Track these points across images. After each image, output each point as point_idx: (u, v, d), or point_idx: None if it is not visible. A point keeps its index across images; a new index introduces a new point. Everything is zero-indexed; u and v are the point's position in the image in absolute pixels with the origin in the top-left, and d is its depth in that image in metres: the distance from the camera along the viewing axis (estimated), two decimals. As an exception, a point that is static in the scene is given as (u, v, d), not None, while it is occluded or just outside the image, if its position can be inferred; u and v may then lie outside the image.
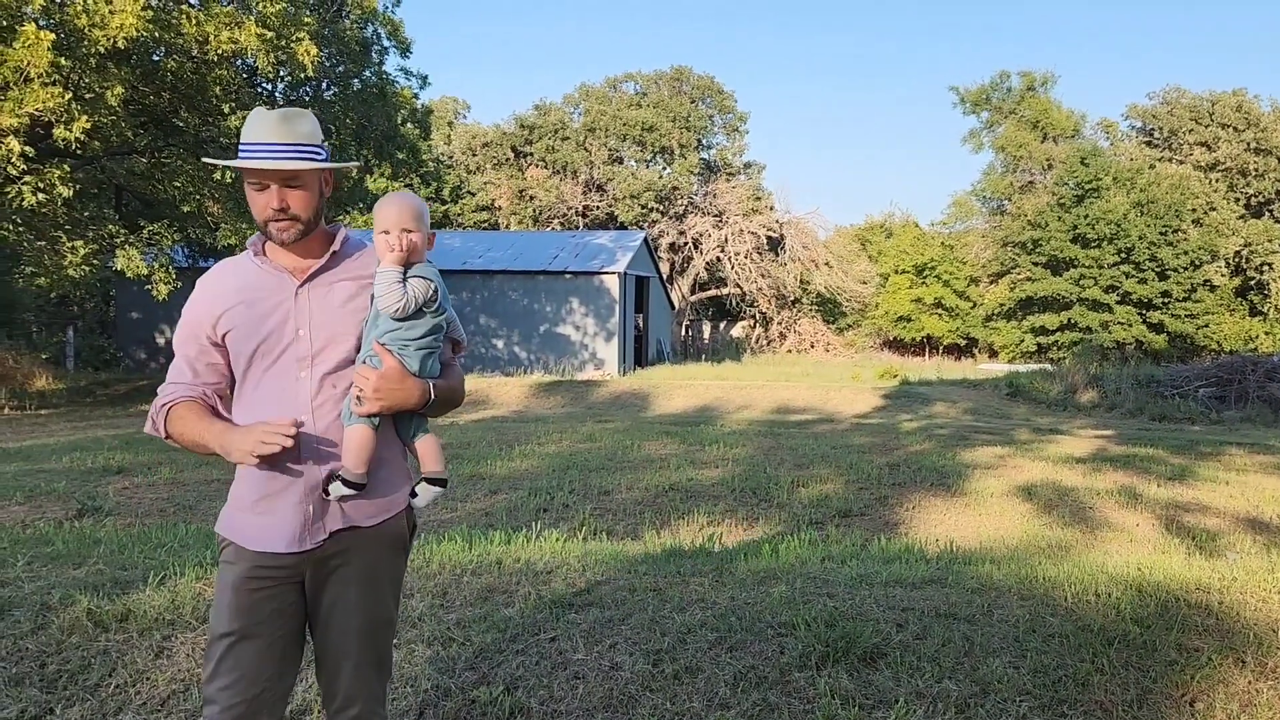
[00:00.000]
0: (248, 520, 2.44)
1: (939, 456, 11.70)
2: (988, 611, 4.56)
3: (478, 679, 3.79)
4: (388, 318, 2.42)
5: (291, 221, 2.40)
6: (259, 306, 2.43)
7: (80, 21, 15.03)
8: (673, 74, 49.83)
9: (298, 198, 2.40)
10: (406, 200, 2.49)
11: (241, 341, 2.42)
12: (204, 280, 2.52)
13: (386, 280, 2.40)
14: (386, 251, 2.42)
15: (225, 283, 2.48)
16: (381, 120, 22.72)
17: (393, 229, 2.43)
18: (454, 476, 10.29)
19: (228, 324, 2.43)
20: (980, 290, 47.54)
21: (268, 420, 2.32)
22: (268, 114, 2.36)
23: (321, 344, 2.45)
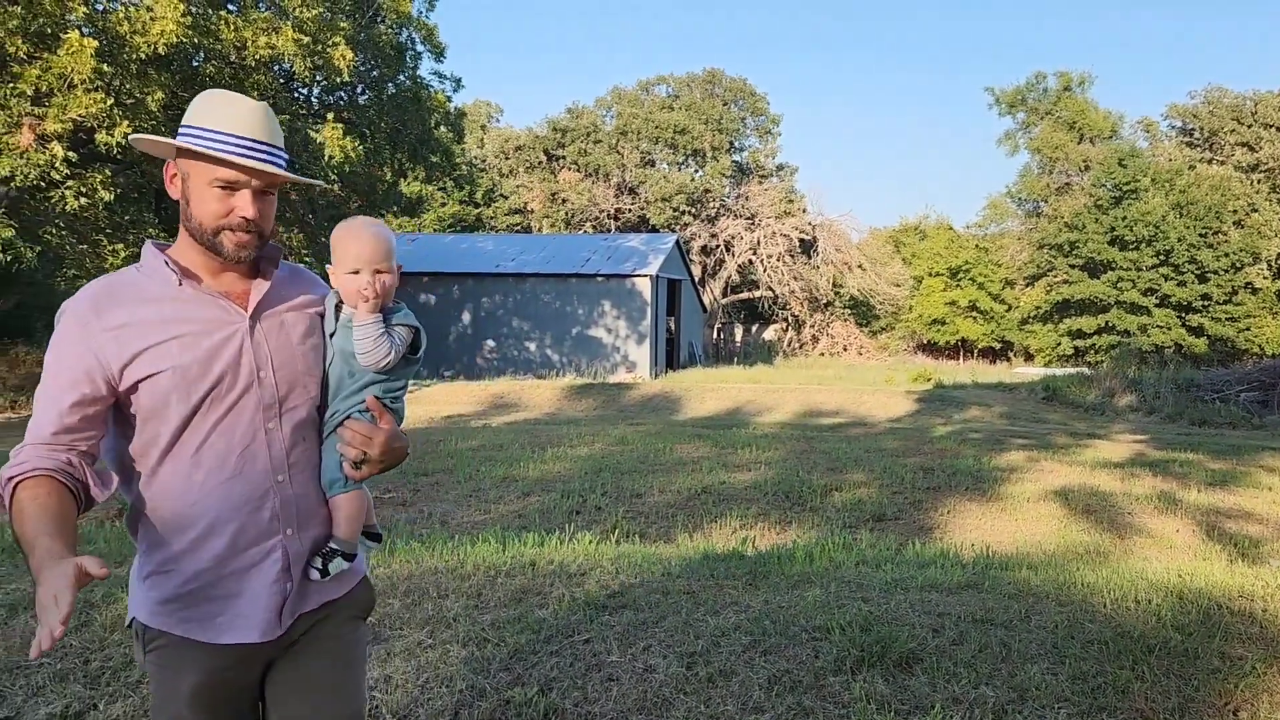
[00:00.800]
0: (201, 606, 1.96)
1: (974, 460, 11.60)
2: (1025, 617, 4.51)
3: (512, 680, 3.81)
4: (354, 359, 2.08)
5: (255, 236, 1.98)
6: (202, 343, 1.93)
7: (122, 28, 15.29)
8: (705, 76, 49.81)
9: (268, 207, 2.01)
10: (375, 233, 2.11)
11: (177, 389, 1.89)
12: (89, 308, 1.89)
13: (370, 334, 2.05)
14: (360, 299, 2.05)
15: (137, 313, 1.90)
16: (416, 124, 22.91)
17: (364, 269, 2.06)
18: (487, 478, 10.35)
19: (150, 366, 1.88)
20: (1016, 293, 47.09)
21: (71, 576, 1.55)
22: (245, 103, 1.97)
23: (286, 389, 2.03)
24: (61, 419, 1.84)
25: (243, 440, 1.96)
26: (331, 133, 18.43)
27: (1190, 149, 47.36)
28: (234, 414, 1.95)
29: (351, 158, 18.95)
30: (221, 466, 1.94)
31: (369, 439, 2.05)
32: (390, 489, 9.69)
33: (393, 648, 4.08)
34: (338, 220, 9.52)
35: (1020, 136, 50.13)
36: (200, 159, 1.92)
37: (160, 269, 1.96)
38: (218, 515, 1.93)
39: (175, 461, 1.92)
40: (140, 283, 1.95)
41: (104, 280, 1.95)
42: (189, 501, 1.92)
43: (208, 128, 1.91)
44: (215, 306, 1.98)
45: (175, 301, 1.94)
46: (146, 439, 1.92)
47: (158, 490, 1.93)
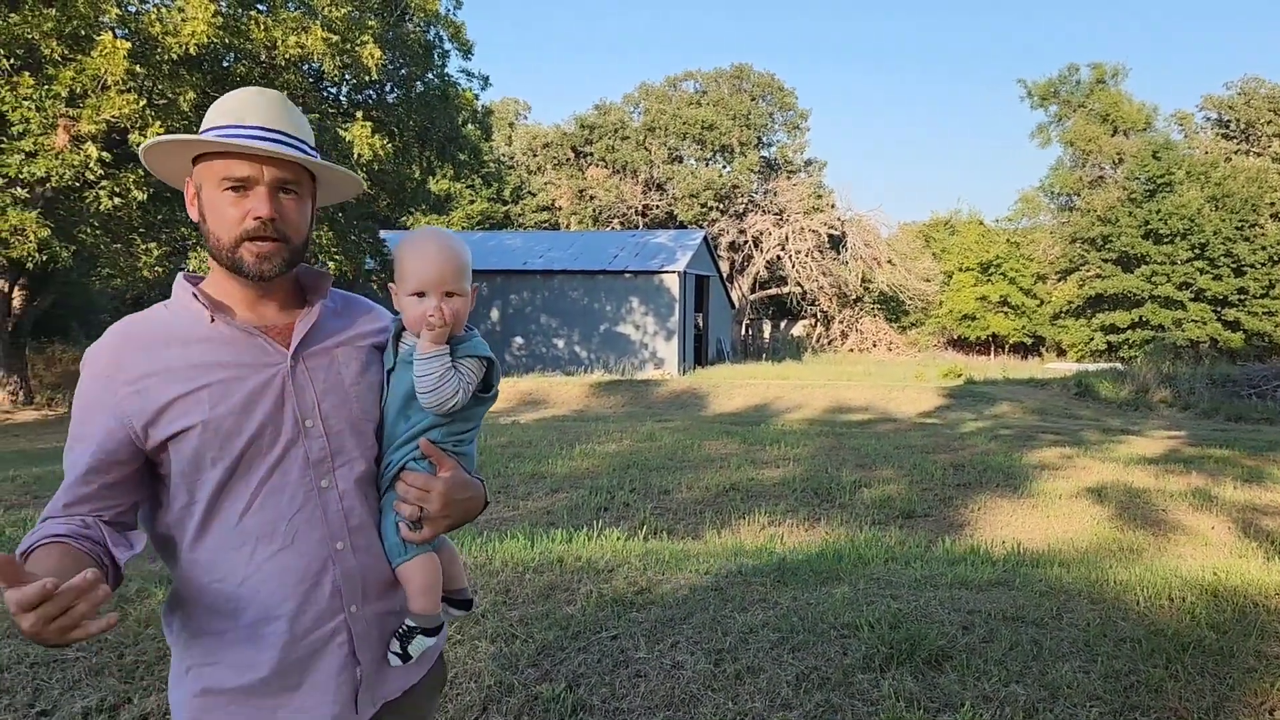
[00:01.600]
0: (257, 700, 1.66)
1: (1004, 457, 11.49)
2: (1057, 615, 4.47)
3: (540, 675, 3.82)
4: (415, 401, 1.75)
5: (279, 243, 1.65)
6: (235, 391, 1.63)
7: (154, 29, 15.46)
8: (733, 71, 49.66)
9: (292, 208, 1.67)
10: (448, 248, 1.77)
11: (209, 448, 1.61)
12: (109, 358, 1.63)
13: (433, 370, 1.70)
14: (424, 327, 1.71)
15: (162, 356, 1.62)
16: (444, 122, 23.01)
17: (432, 291, 1.72)
18: (515, 474, 10.38)
19: (182, 419, 1.59)
20: (1048, 288, 46.62)
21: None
22: (258, 93, 1.69)
23: (340, 440, 1.71)
24: (77, 489, 1.59)
25: (293, 504, 1.66)
26: (360, 131, 18.55)
27: (1226, 141, 46.67)
28: (279, 473, 1.65)
29: (380, 156, 19.06)
30: (271, 536, 1.64)
31: (425, 492, 1.73)
32: (419, 485, 9.74)
33: (422, 643, 4.11)
34: (367, 217, 9.74)
35: (1053, 129, 49.62)
36: (210, 160, 1.65)
37: (189, 304, 1.68)
38: (271, 595, 1.64)
39: (216, 534, 1.63)
40: (168, 322, 1.67)
41: (127, 322, 1.68)
42: (236, 580, 1.63)
43: (216, 125, 1.65)
44: (252, 345, 1.67)
45: (207, 343, 1.65)
46: (180, 508, 1.64)
47: (199, 568, 1.64)
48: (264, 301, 1.72)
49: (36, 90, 14.73)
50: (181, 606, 1.68)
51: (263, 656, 1.64)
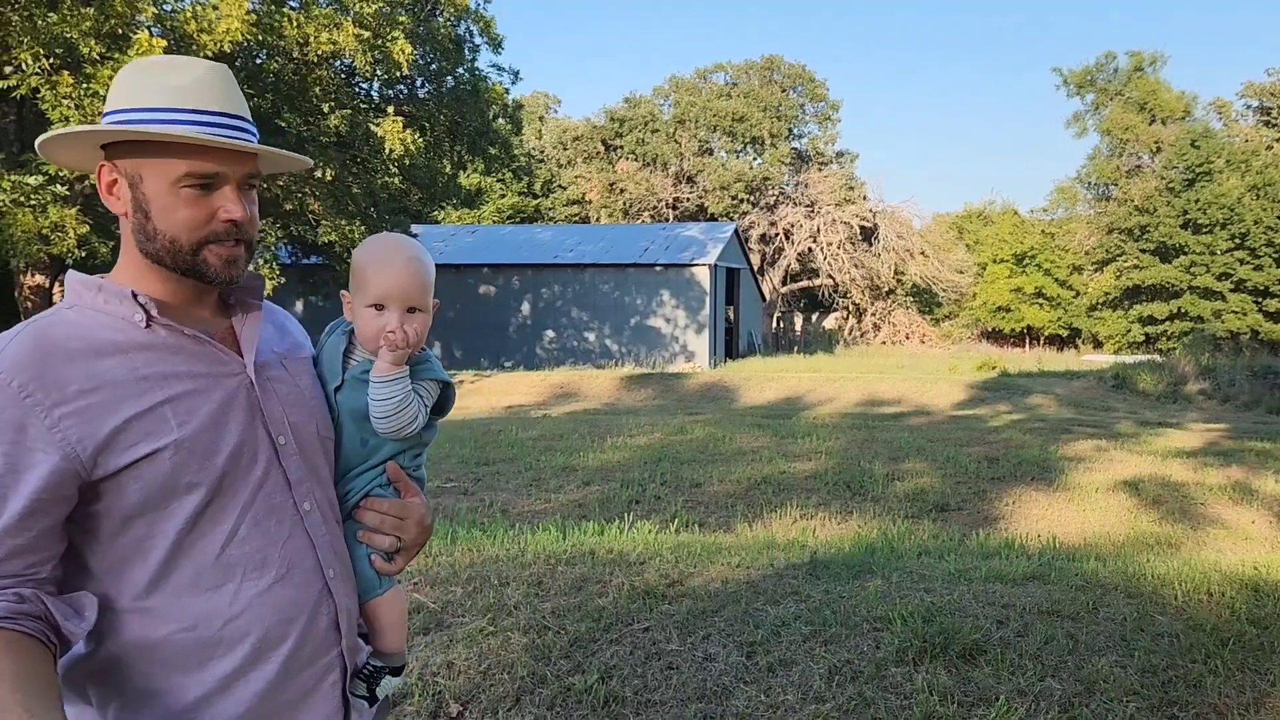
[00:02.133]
0: None
1: (1039, 450, 11.38)
2: (1093, 609, 4.42)
3: (573, 667, 3.83)
4: (368, 423, 1.59)
5: (243, 245, 1.47)
6: (201, 403, 1.41)
7: (189, 27, 15.63)
8: (763, 63, 49.43)
9: (254, 207, 1.50)
10: (416, 259, 1.60)
11: (188, 469, 1.37)
12: (32, 366, 1.32)
13: (396, 394, 1.54)
14: (385, 346, 1.54)
15: (98, 368, 1.35)
16: (474, 116, 23.09)
17: (394, 305, 1.56)
18: (547, 467, 10.42)
19: (147, 441, 1.35)
20: (1084, 279, 46.05)
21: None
22: (199, 66, 1.46)
23: (311, 458, 1.55)
24: (6, 540, 1.27)
25: (281, 529, 1.47)
26: (392, 126, 18.67)
27: (1268, 129, 45.82)
28: (264, 496, 1.46)
29: (412, 151, 19.17)
30: (262, 567, 1.43)
31: (401, 520, 1.61)
32: (452, 478, 9.81)
33: (455, 634, 4.14)
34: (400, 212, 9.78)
35: (1089, 118, 48.92)
36: (158, 151, 1.41)
37: (114, 306, 1.41)
38: (266, 634, 1.43)
39: (186, 572, 1.38)
40: (86, 326, 1.39)
41: (36, 329, 1.36)
42: (220, 621, 1.40)
43: (157, 106, 1.39)
44: (202, 353, 1.45)
45: (149, 350, 1.40)
46: (128, 548, 1.36)
47: (154, 619, 1.37)
48: (200, 304, 1.50)
49: (75, 89, 14.94)
50: (112, 673, 1.37)
51: (248, 707, 1.42)
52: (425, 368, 1.62)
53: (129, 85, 1.42)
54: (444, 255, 30.14)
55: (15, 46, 14.52)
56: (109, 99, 1.44)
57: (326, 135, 19.85)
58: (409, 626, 3.93)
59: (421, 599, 4.53)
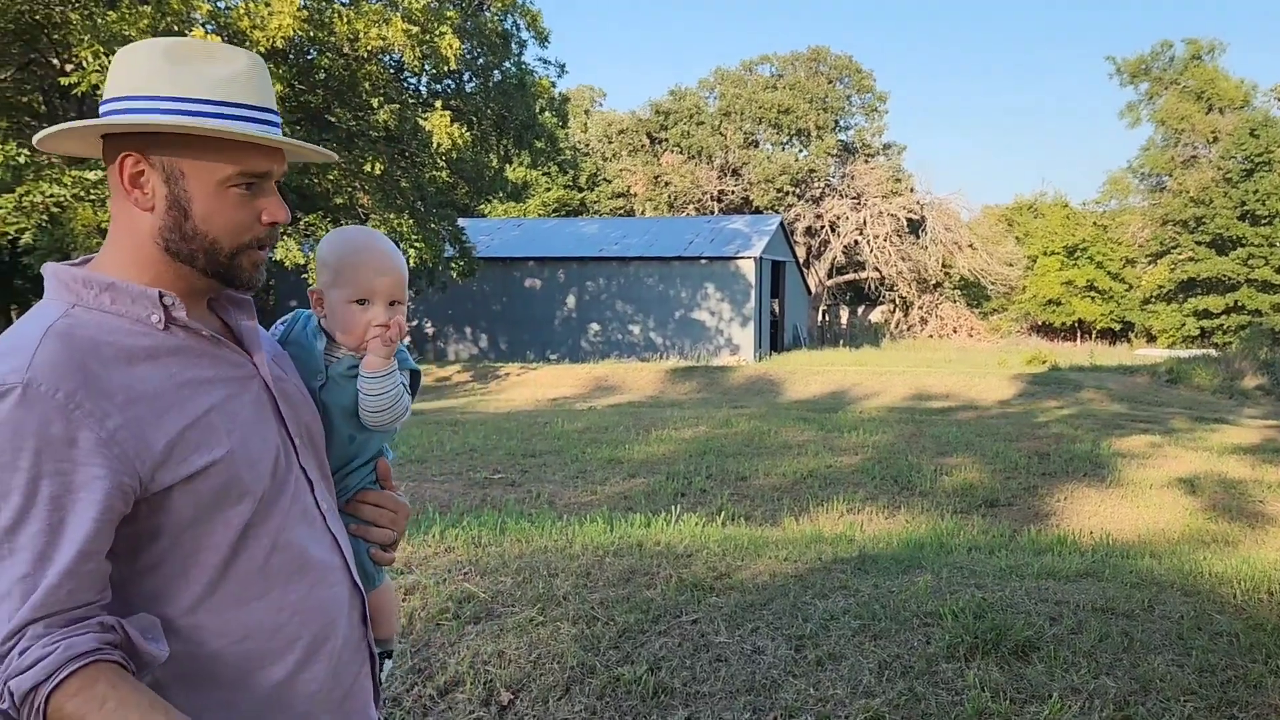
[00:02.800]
0: None
1: (1092, 445, 11.21)
2: (1148, 607, 4.36)
3: (621, 658, 3.85)
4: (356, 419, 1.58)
5: (268, 249, 1.43)
6: (238, 409, 1.36)
7: (242, 24, 15.88)
8: (809, 54, 49.09)
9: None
10: (394, 253, 1.61)
11: (240, 480, 1.31)
12: (75, 372, 1.20)
13: (389, 389, 1.55)
14: (376, 341, 1.53)
15: (136, 374, 1.25)
16: (521, 110, 23.19)
17: (378, 299, 1.55)
18: (593, 459, 10.47)
19: (201, 454, 1.27)
20: (1137, 272, 45.24)
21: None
22: (239, 56, 1.36)
23: (321, 456, 1.53)
24: (75, 568, 1.16)
25: (313, 532, 1.43)
26: (440, 120, 18.81)
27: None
28: (297, 500, 1.41)
29: (459, 145, 19.30)
30: (302, 571, 1.39)
31: (395, 514, 1.64)
32: (499, 470, 9.90)
33: (505, 624, 4.18)
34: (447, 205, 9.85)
35: (1143, 108, 47.99)
36: (206, 147, 1.31)
37: (123, 305, 1.30)
38: (314, 637, 1.40)
39: (234, 584, 1.32)
40: (105, 330, 1.27)
41: (56, 333, 1.22)
42: (270, 630, 1.35)
43: (204, 97, 1.30)
44: (220, 354, 1.38)
45: (175, 355, 1.31)
46: (178, 564, 1.28)
47: (209, 633, 1.31)
48: (198, 304, 1.41)
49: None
50: (162, 696, 1.24)
51: (295, 714, 1.39)
52: (400, 358, 1.61)
53: (159, 69, 1.30)
54: (490, 248, 30.31)
55: (76, 45, 14.87)
56: (123, 80, 1.31)
57: (375, 130, 20.06)
58: (460, 616, 3.98)
59: (472, 588, 4.58)
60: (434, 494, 8.62)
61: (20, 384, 1.16)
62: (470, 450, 11.11)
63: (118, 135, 1.33)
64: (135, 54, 1.32)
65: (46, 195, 15.38)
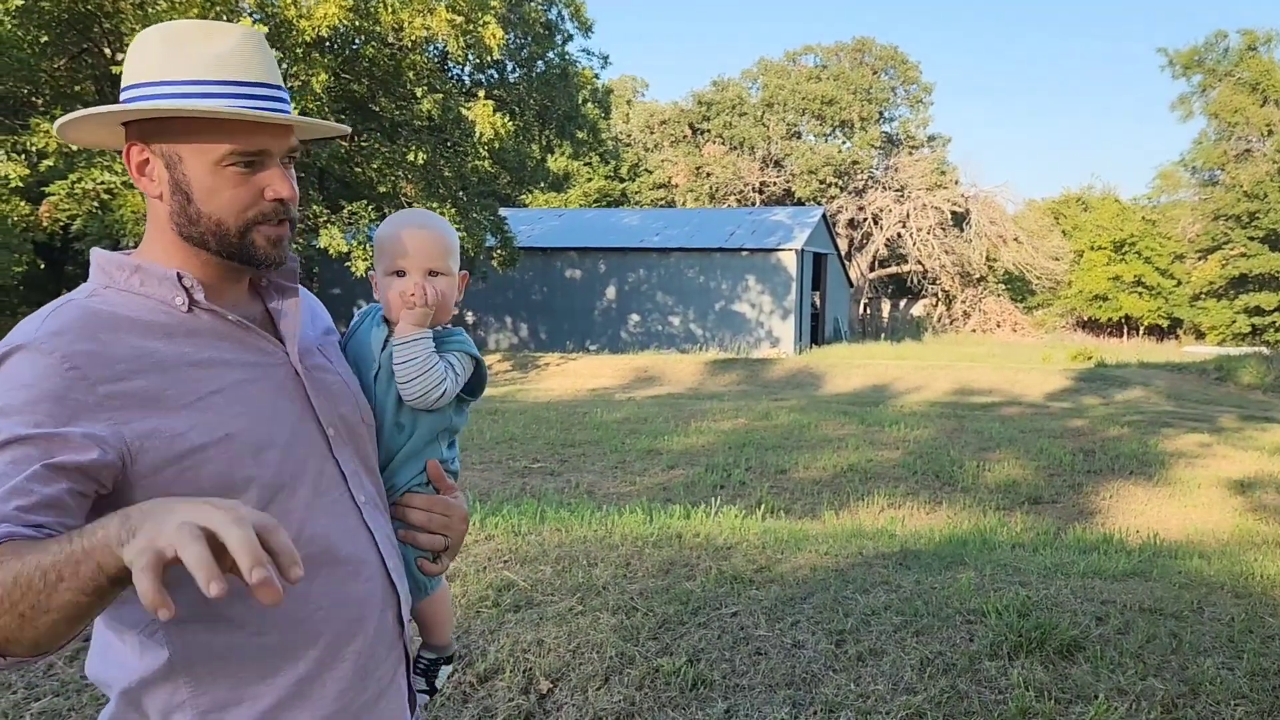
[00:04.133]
0: None
1: (1138, 443, 11.02)
2: (1197, 609, 4.28)
3: (660, 649, 3.85)
4: (409, 408, 1.53)
5: (288, 225, 1.39)
6: (253, 394, 1.33)
7: (289, 13, 16.04)
8: (854, 45, 48.65)
9: (293, 181, 1.41)
10: (431, 224, 1.57)
11: (244, 464, 1.28)
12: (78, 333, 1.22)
13: (418, 355, 1.49)
14: (405, 307, 1.51)
15: (146, 348, 1.26)
16: (564, 101, 23.22)
17: (413, 269, 1.52)
18: (632, 450, 10.47)
19: (198, 433, 1.24)
20: (1186, 268, 44.37)
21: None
22: (234, 33, 1.34)
23: (363, 449, 1.48)
24: (27, 487, 1.08)
25: (345, 525, 1.39)
26: (483, 110, 18.89)
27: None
28: (324, 492, 1.38)
29: (501, 134, 19.37)
30: (333, 565, 1.35)
31: (447, 519, 1.56)
32: (539, 459, 9.93)
33: (545, 612, 4.19)
34: (489, 195, 9.94)
35: (1196, 100, 46.95)
36: (197, 128, 1.30)
37: (151, 287, 1.32)
38: (338, 633, 1.36)
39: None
40: (127, 307, 1.30)
41: (75, 304, 1.27)
42: (292, 623, 1.32)
43: (193, 78, 1.28)
44: (247, 339, 1.37)
45: (194, 337, 1.31)
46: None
47: (226, 623, 1.27)
48: (236, 287, 1.41)
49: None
50: (176, 688, 1.26)
51: (320, 713, 1.35)
52: (456, 340, 1.56)
53: (156, 54, 1.29)
54: (531, 238, 30.41)
55: (127, 34, 15.09)
56: (132, 69, 1.31)
57: (419, 119, 20.18)
58: (500, 604, 4.00)
59: (512, 576, 4.60)
60: (474, 482, 8.68)
61: (26, 343, 1.20)
62: (510, 439, 11.17)
63: (128, 124, 1.33)
64: (142, 41, 1.33)
65: (97, 182, 15.67)
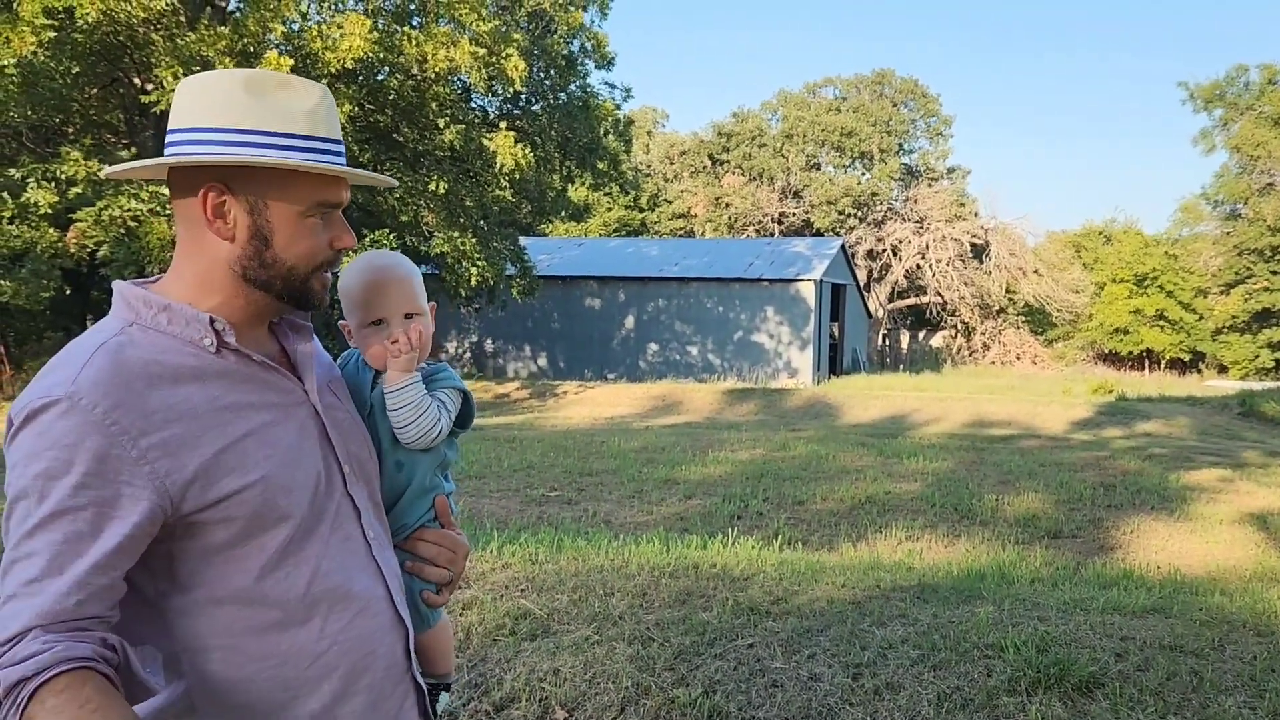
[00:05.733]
0: None
1: (1159, 478, 10.93)
2: (1218, 646, 4.24)
3: (676, 680, 3.85)
4: (404, 447, 1.59)
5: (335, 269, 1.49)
6: (280, 436, 1.37)
7: (315, 45, 16.29)
8: (874, 77, 48.87)
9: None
10: (395, 265, 1.62)
11: (274, 506, 1.32)
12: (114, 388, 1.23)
13: (411, 400, 1.55)
14: (391, 356, 1.56)
15: (178, 395, 1.28)
16: (584, 132, 23.40)
17: (392, 318, 1.58)
18: (649, 479, 10.47)
19: (234, 477, 1.29)
20: (1208, 302, 44.08)
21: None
22: (309, 89, 1.39)
23: (372, 486, 1.53)
24: (91, 579, 1.17)
25: (357, 561, 1.43)
26: (504, 141, 19.07)
27: None
28: (339, 529, 1.42)
29: (522, 165, 19.54)
30: (346, 601, 1.39)
31: (453, 554, 1.63)
32: (556, 487, 9.94)
33: (561, 641, 4.20)
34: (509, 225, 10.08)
35: (1217, 134, 46.77)
36: (286, 179, 1.36)
37: (177, 327, 1.34)
38: (353, 667, 1.41)
39: (275, 609, 1.33)
40: (157, 349, 1.31)
41: (107, 350, 1.27)
42: (308, 658, 1.36)
43: (288, 132, 1.34)
44: (269, 380, 1.40)
45: (222, 379, 1.33)
46: (214, 586, 1.30)
47: (243, 655, 1.32)
48: (260, 327, 1.45)
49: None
50: (190, 713, 1.31)
51: None
52: (443, 377, 1.63)
53: (241, 103, 1.32)
54: (551, 267, 30.56)
55: (157, 65, 15.36)
56: (205, 113, 1.33)
57: (441, 149, 20.40)
58: (517, 632, 4.01)
59: (528, 605, 4.61)
60: (491, 510, 8.70)
61: (64, 396, 1.20)
62: (528, 467, 11.19)
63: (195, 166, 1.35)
64: (213, 85, 1.35)
65: (124, 209, 15.90)
